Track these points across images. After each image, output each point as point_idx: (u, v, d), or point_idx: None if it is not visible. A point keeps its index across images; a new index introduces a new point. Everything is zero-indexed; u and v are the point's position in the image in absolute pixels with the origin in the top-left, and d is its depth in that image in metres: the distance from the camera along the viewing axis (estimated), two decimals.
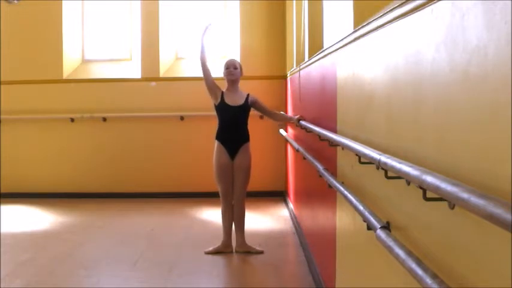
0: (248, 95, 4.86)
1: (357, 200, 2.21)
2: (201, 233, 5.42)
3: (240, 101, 4.79)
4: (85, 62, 7.88)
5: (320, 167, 3.20)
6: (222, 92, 4.82)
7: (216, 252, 4.71)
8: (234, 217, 4.81)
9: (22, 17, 7.47)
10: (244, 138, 4.79)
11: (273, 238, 5.26)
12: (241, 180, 4.77)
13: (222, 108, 4.78)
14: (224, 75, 4.86)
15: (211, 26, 4.91)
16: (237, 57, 7.38)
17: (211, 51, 4.93)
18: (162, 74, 7.47)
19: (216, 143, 4.78)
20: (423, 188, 1.40)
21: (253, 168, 4.91)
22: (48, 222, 6.07)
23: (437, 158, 1.48)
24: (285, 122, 6.10)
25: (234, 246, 4.78)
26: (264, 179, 7.15)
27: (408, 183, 1.61)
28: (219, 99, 4.78)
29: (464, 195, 1.10)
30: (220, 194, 4.82)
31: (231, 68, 4.82)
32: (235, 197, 4.79)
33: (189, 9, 7.75)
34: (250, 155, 4.83)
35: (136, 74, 7.49)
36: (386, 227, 1.84)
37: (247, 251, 4.74)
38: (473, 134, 1.24)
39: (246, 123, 4.82)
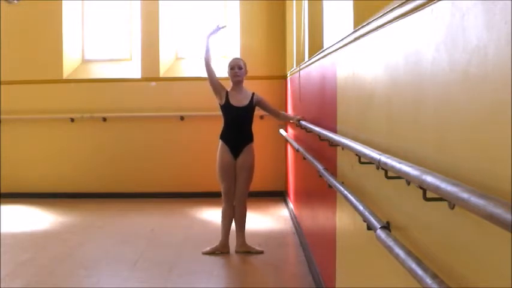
0: (253, 94, 4.84)
1: (357, 200, 2.21)
2: (201, 233, 5.41)
3: (245, 102, 4.77)
4: (85, 62, 7.88)
5: (320, 167, 3.20)
6: (227, 92, 4.80)
7: (213, 252, 4.71)
8: (235, 217, 4.81)
9: (22, 17, 7.46)
10: (248, 138, 4.78)
11: (273, 238, 5.26)
12: (243, 180, 4.76)
13: (227, 109, 4.77)
14: (229, 75, 4.83)
15: (220, 28, 4.85)
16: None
17: (215, 51, 4.87)
18: (162, 74, 7.47)
19: (220, 142, 4.79)
20: (423, 188, 1.40)
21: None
22: (48, 222, 6.07)
23: (437, 158, 1.48)
24: (288, 121, 6.09)
25: (231, 247, 4.78)
26: (264, 179, 7.14)
27: (408, 183, 1.61)
28: (223, 100, 4.77)
29: (464, 195, 1.10)
30: (222, 193, 4.81)
31: (236, 68, 4.78)
32: (237, 197, 4.78)
33: (189, 9, 7.75)
34: (254, 155, 4.81)
35: (137, 74, 7.49)
36: (386, 227, 1.84)
37: (247, 251, 4.74)
38: (473, 134, 1.24)
39: (250, 124, 4.81)
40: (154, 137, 7.37)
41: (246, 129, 4.79)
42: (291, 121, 5.15)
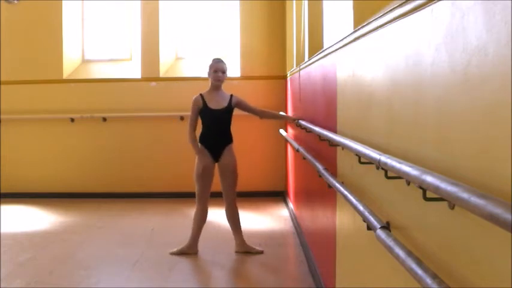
0: (231, 96, 4.77)
1: (357, 200, 2.21)
2: (201, 233, 5.41)
3: (223, 104, 4.71)
4: (85, 62, 7.88)
5: (320, 167, 3.20)
6: (202, 96, 4.72)
7: (180, 253, 4.70)
8: (228, 219, 4.80)
9: (22, 17, 7.47)
10: (228, 140, 4.73)
11: (273, 238, 5.26)
12: (230, 182, 4.73)
13: (205, 113, 4.68)
14: (210, 77, 4.72)
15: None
16: (237, 57, 7.40)
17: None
18: (162, 74, 7.46)
19: (200, 146, 4.72)
20: (423, 188, 1.40)
21: (253, 169, 4.90)
22: (48, 222, 6.07)
23: (437, 158, 1.48)
24: (276, 119, 5.99)
25: (231, 247, 4.78)
26: (264, 179, 7.15)
27: (408, 183, 1.61)
28: (201, 105, 4.70)
29: (464, 195, 1.10)
30: (196, 195, 4.77)
31: (219, 72, 4.70)
32: (227, 199, 4.75)
33: (189, 9, 7.75)
34: (235, 155, 4.77)
35: (136, 74, 7.49)
36: (386, 227, 1.84)
37: (247, 251, 4.73)
38: (474, 134, 1.24)
39: (229, 125, 4.74)
40: (154, 137, 7.37)
41: (225, 131, 4.73)
42: (286, 120, 5.10)
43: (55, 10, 7.46)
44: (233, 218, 4.79)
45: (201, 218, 4.77)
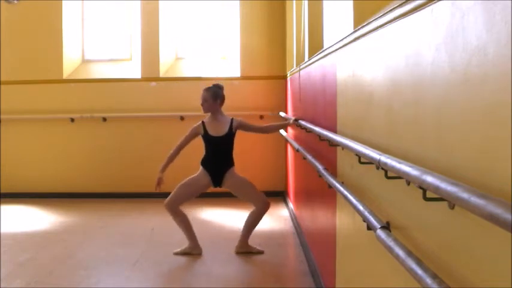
0: (232, 120, 4.75)
1: (357, 200, 2.21)
2: (201, 233, 5.40)
3: (224, 130, 4.70)
4: (85, 62, 7.88)
5: (320, 167, 3.20)
6: (204, 123, 4.74)
7: (183, 253, 4.70)
8: (249, 218, 4.78)
9: (22, 17, 7.47)
10: (229, 164, 4.73)
11: (273, 238, 5.26)
12: (250, 193, 4.73)
13: (206, 139, 4.72)
14: None
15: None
16: (237, 57, 7.40)
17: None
18: (162, 74, 7.46)
19: (201, 167, 4.75)
20: (423, 188, 1.40)
21: (253, 169, 4.91)
22: (48, 222, 6.07)
23: (437, 158, 1.48)
24: (281, 128, 5.97)
25: (232, 247, 4.78)
26: (264, 179, 7.14)
27: (408, 183, 1.61)
28: (202, 132, 4.73)
29: (464, 195, 1.10)
30: (167, 202, 4.75)
31: (201, 101, 4.72)
32: (257, 205, 4.73)
33: (189, 9, 7.75)
34: (238, 175, 4.76)
35: (136, 74, 7.49)
36: (386, 227, 1.84)
37: (248, 251, 4.74)
38: (473, 134, 1.24)
39: (231, 150, 4.74)
40: (154, 137, 7.36)
41: (226, 157, 4.73)
42: (288, 124, 5.09)
43: (55, 10, 7.45)
44: (254, 220, 4.76)
45: (183, 221, 4.77)
